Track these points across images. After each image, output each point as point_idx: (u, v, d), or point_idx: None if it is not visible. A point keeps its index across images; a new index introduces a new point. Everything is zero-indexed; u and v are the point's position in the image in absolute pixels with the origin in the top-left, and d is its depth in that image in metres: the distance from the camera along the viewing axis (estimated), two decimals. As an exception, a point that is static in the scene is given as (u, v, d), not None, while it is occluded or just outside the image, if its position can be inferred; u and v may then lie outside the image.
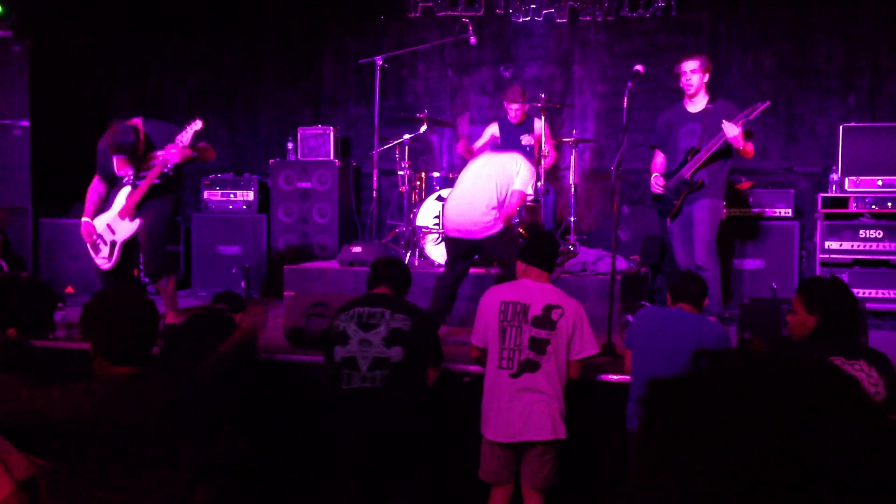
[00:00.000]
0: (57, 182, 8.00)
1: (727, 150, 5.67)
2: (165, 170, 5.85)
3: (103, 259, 5.97)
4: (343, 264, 6.60)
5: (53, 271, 7.62)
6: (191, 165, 6.41)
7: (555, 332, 3.98)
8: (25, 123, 7.65)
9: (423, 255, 6.60)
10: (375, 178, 7.00)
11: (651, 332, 3.97)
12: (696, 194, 5.71)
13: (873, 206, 6.35)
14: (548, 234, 5.14)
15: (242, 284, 7.87)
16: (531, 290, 4.11)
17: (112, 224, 5.95)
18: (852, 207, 6.39)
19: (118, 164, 5.92)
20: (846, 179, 6.47)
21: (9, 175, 7.70)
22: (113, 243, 5.92)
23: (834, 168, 6.67)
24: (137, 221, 5.90)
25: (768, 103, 5.52)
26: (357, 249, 6.63)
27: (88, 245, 6.01)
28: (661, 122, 5.97)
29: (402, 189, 6.89)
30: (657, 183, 5.88)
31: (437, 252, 6.53)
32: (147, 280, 7.22)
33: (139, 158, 5.84)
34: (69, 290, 7.40)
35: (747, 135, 5.60)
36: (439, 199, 6.60)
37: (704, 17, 7.55)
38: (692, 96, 5.81)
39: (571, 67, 7.93)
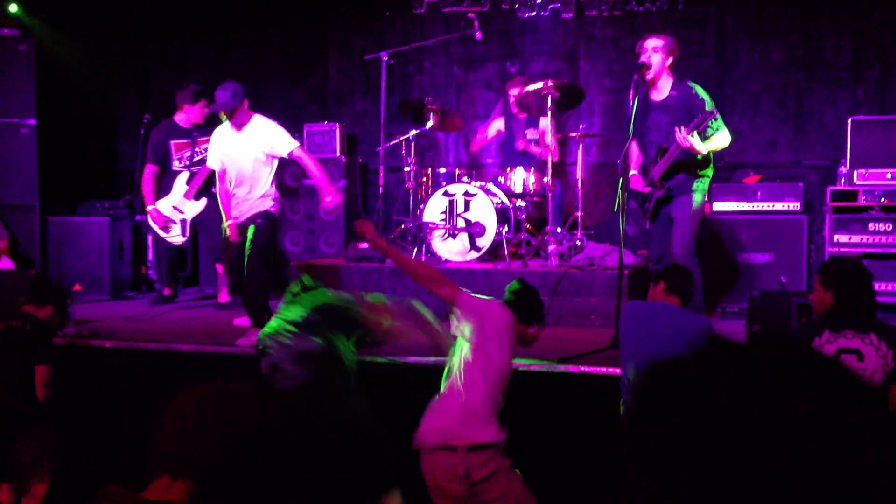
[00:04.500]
0: (64, 180, 8.02)
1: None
2: None
3: (176, 236, 6.85)
4: (350, 261, 6.61)
5: (61, 269, 7.63)
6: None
7: None
8: (32, 122, 7.65)
9: (429, 251, 6.59)
10: (382, 175, 6.99)
11: (637, 326, 3.97)
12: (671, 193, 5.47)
13: (882, 199, 6.29)
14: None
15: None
16: None
17: (178, 205, 6.83)
18: (861, 200, 6.34)
19: (174, 149, 6.90)
20: (855, 172, 6.42)
21: (16, 173, 7.71)
22: (184, 221, 6.83)
23: (843, 161, 6.62)
24: (204, 200, 6.77)
25: (715, 113, 5.17)
26: (364, 246, 6.62)
27: (159, 228, 6.82)
28: (629, 111, 5.34)
29: (409, 185, 6.88)
30: (638, 182, 5.56)
31: (443, 248, 6.52)
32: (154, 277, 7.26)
33: (191, 140, 6.86)
34: (77, 287, 7.40)
35: (705, 138, 5.24)
36: (446, 194, 6.59)
37: (711, 10, 7.51)
38: (652, 80, 5.40)
39: (577, 62, 7.90)
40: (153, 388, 5.04)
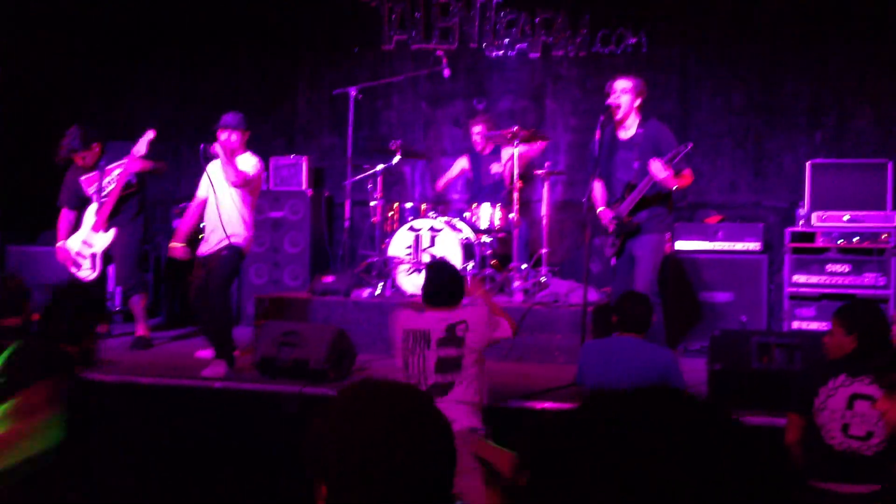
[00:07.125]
0: (25, 209, 7.92)
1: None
2: (128, 179, 6.44)
3: (87, 272, 6.44)
4: (315, 294, 6.58)
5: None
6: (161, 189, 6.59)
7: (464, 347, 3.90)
8: (-6, 149, 7.57)
9: (394, 286, 6.59)
10: (348, 209, 7.00)
11: (600, 366, 4.01)
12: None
13: (840, 241, 6.42)
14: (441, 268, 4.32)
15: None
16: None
17: (87, 239, 6.47)
18: (819, 242, 6.47)
19: (85, 184, 6.54)
20: (813, 214, 6.56)
21: (-24, 201, 7.60)
22: (93, 255, 6.45)
23: (801, 203, 6.76)
24: (113, 231, 6.44)
25: (690, 146, 5.27)
26: (329, 279, 6.62)
27: (69, 266, 6.47)
28: (595, 150, 5.49)
29: (375, 219, 6.90)
30: (606, 216, 5.54)
31: (408, 282, 6.53)
32: (118, 307, 7.18)
33: (99, 170, 6.47)
34: (35, 317, 7.28)
35: (677, 173, 5.30)
36: (412, 229, 6.61)
37: (675, 54, 7.67)
38: (620, 120, 5.48)
39: (544, 101, 8.01)
40: (114, 421, 4.95)
